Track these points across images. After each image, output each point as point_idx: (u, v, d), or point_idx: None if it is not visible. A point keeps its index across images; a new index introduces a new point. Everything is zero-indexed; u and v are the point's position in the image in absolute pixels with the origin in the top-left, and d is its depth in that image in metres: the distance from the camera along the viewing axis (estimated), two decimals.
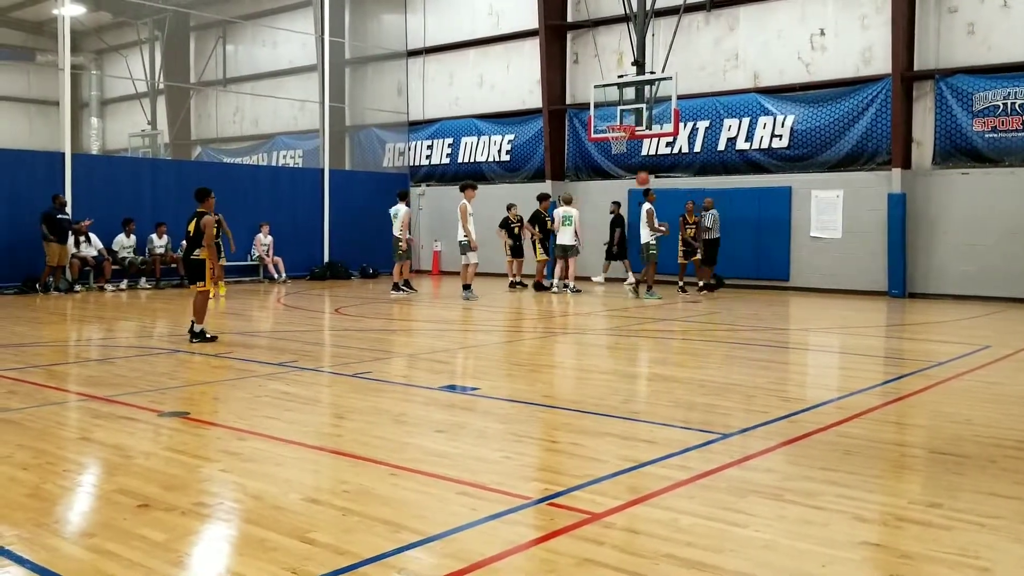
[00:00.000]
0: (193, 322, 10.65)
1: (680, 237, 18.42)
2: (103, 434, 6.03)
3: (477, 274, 17.60)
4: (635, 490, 4.73)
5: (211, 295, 10.99)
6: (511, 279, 19.57)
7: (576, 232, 18.12)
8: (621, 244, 19.70)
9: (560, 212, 18.41)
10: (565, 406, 6.98)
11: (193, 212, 10.80)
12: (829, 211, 18.63)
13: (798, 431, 6.11)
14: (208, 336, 10.61)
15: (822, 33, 18.75)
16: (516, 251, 19.66)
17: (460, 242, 17.02)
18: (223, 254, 18.08)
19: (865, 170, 18.22)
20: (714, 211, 18.41)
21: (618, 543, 3.95)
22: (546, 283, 18.91)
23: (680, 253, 18.55)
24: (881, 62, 17.91)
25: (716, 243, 18.41)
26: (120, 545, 3.94)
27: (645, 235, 16.77)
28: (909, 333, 12.72)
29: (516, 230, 19.53)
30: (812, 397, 7.75)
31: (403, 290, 17.78)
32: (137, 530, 4.14)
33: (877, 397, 7.49)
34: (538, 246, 19.21)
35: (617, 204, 20.06)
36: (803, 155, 18.98)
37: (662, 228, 16.84)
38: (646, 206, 16.89)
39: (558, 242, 18.41)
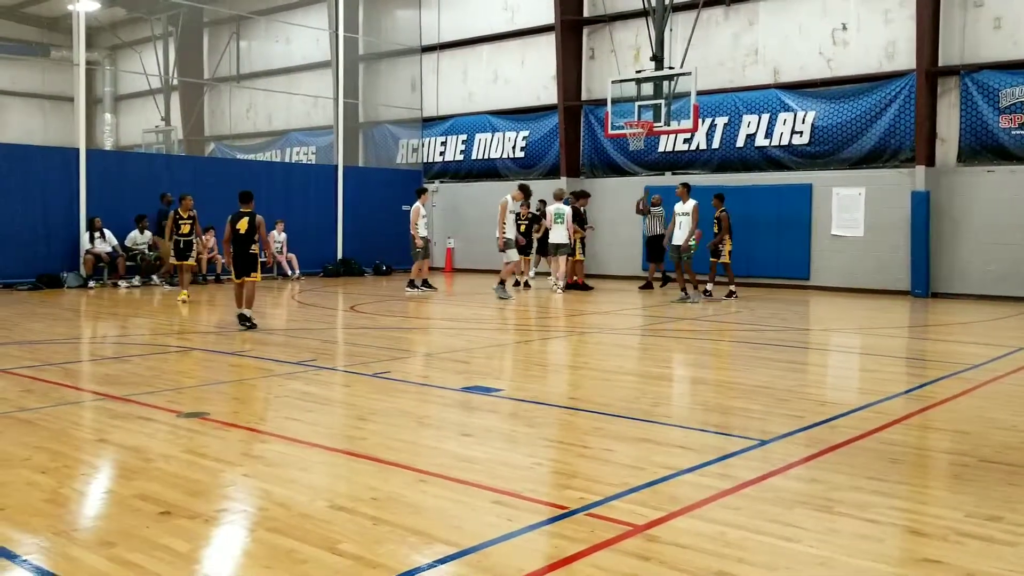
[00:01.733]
0: (243, 313, 11.63)
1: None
2: (121, 435, 5.86)
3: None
4: (676, 500, 4.53)
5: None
6: (516, 278, 18.78)
7: (568, 230, 17.54)
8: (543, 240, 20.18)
9: (552, 209, 17.80)
10: (594, 409, 6.78)
11: (239, 211, 11.68)
12: (851, 209, 18.36)
13: (839, 437, 5.89)
14: (254, 323, 11.69)
15: (844, 28, 18.47)
16: (523, 249, 18.50)
17: (506, 239, 16.61)
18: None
19: (888, 167, 17.95)
20: (661, 207, 18.40)
21: (665, 558, 3.75)
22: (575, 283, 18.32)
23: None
24: (905, 57, 17.63)
25: (660, 239, 18.02)
26: (142, 555, 3.76)
27: (680, 236, 15.66)
28: (937, 334, 12.48)
29: (523, 227, 18.57)
30: (847, 401, 7.52)
31: (419, 288, 17.46)
32: (160, 539, 3.96)
33: (915, 401, 7.27)
34: (578, 245, 18.33)
35: (543, 202, 20.50)
36: (824, 152, 18.71)
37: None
38: (687, 205, 15.75)
39: (550, 240, 17.82)
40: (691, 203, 15.60)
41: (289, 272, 21.41)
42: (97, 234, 18.41)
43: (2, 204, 17.44)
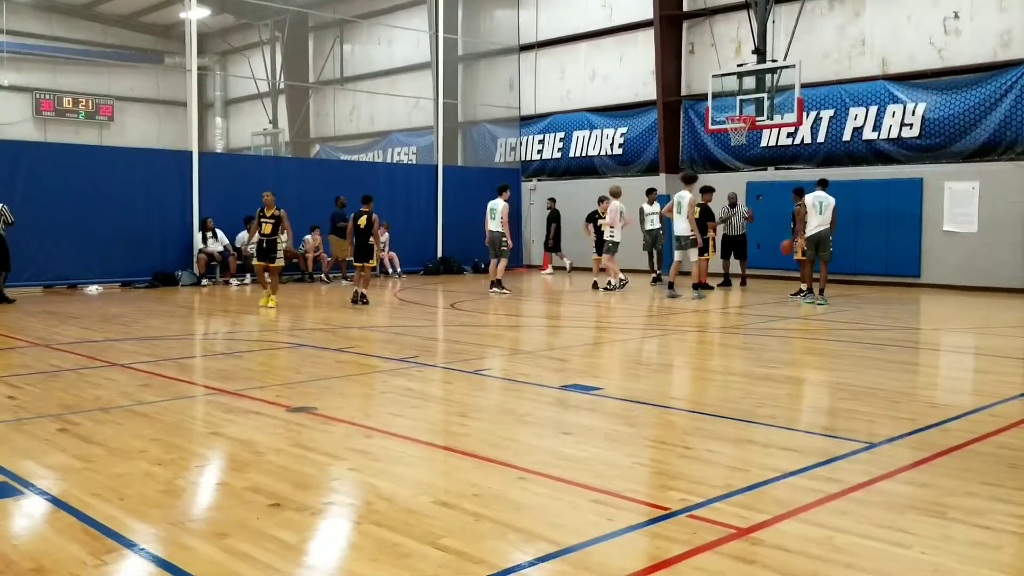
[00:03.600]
0: (361, 292, 14.38)
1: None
2: (233, 429, 6.08)
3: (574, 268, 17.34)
4: (782, 503, 4.44)
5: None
6: (595, 280, 18.08)
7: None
8: (556, 237, 22.23)
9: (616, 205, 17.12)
10: (695, 409, 6.70)
11: (359, 210, 14.59)
12: (964, 204, 17.64)
13: (952, 441, 5.68)
14: (367, 300, 14.33)
15: (956, 16, 17.75)
16: (601, 247, 17.97)
17: (682, 237, 15.87)
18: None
19: (1004, 160, 17.17)
20: (741, 207, 18.34)
21: (770, 562, 3.69)
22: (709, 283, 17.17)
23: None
24: (1020, 46, 16.86)
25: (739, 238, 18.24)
26: (254, 546, 3.89)
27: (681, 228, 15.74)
28: None
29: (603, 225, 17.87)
30: (961, 403, 7.24)
31: (502, 289, 16.83)
32: (270, 531, 4.09)
33: None
34: (711, 243, 17.27)
35: (553, 200, 21.25)
36: (935, 145, 18.03)
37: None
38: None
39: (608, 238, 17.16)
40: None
41: (390, 270, 21.80)
42: (209, 234, 19.10)
43: (121, 205, 18.24)
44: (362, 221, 14.58)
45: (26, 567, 3.67)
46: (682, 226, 15.82)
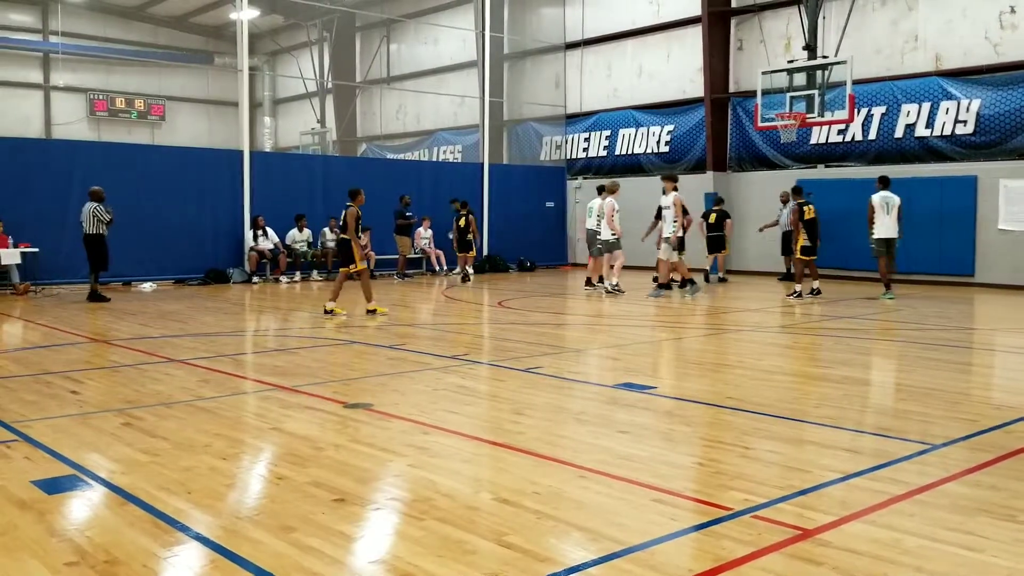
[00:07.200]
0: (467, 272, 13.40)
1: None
2: (293, 424, 6.16)
3: (626, 267, 17.01)
4: (847, 505, 4.40)
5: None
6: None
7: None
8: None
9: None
10: (753, 409, 6.65)
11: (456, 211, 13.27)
12: (1020, 202, 17.28)
13: (1016, 443, 5.58)
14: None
15: (1012, 11, 17.38)
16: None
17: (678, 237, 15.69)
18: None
19: None
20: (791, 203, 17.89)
21: (838, 564, 3.65)
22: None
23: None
24: None
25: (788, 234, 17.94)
26: (320, 540, 3.95)
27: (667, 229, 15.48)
28: None
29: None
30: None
31: (604, 287, 16.40)
32: (335, 525, 4.14)
33: None
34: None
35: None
36: (991, 142, 17.68)
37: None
38: (669, 198, 15.57)
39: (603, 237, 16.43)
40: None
41: (437, 268, 21.91)
42: (260, 232, 19.35)
43: (174, 204, 18.56)
44: (461, 221, 13.23)
45: (100, 559, 3.76)
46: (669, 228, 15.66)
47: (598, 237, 16.60)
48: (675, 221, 15.47)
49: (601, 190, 17.00)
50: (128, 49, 34.08)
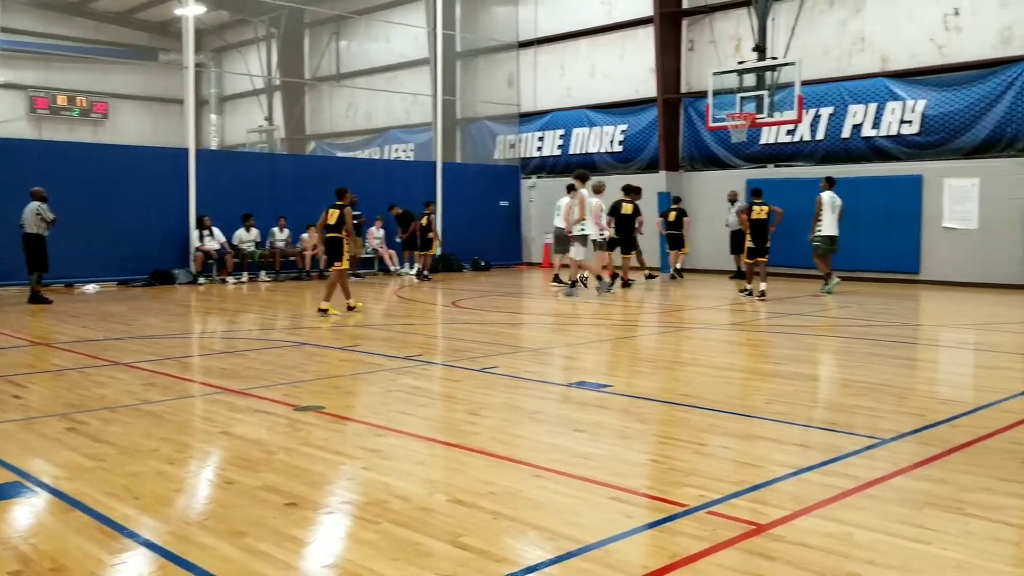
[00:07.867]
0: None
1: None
2: (243, 428, 6.05)
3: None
4: (799, 499, 4.43)
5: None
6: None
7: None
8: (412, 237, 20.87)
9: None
10: (706, 406, 6.68)
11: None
12: (964, 200, 17.65)
13: (964, 437, 5.68)
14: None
15: (956, 13, 17.75)
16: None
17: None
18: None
19: (1004, 157, 17.17)
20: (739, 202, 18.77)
21: (792, 558, 3.68)
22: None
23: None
24: (1021, 42, 16.85)
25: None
26: (272, 545, 3.88)
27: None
28: None
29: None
30: (969, 399, 7.25)
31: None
32: (287, 530, 4.07)
33: None
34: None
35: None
36: (935, 142, 18.04)
37: None
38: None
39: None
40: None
41: (390, 267, 21.76)
42: (206, 232, 19.03)
43: (117, 203, 18.16)
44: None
45: (45, 566, 3.65)
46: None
47: (590, 238, 16.20)
48: (583, 219, 15.45)
49: (571, 189, 16.87)
50: (70, 45, 33.31)
